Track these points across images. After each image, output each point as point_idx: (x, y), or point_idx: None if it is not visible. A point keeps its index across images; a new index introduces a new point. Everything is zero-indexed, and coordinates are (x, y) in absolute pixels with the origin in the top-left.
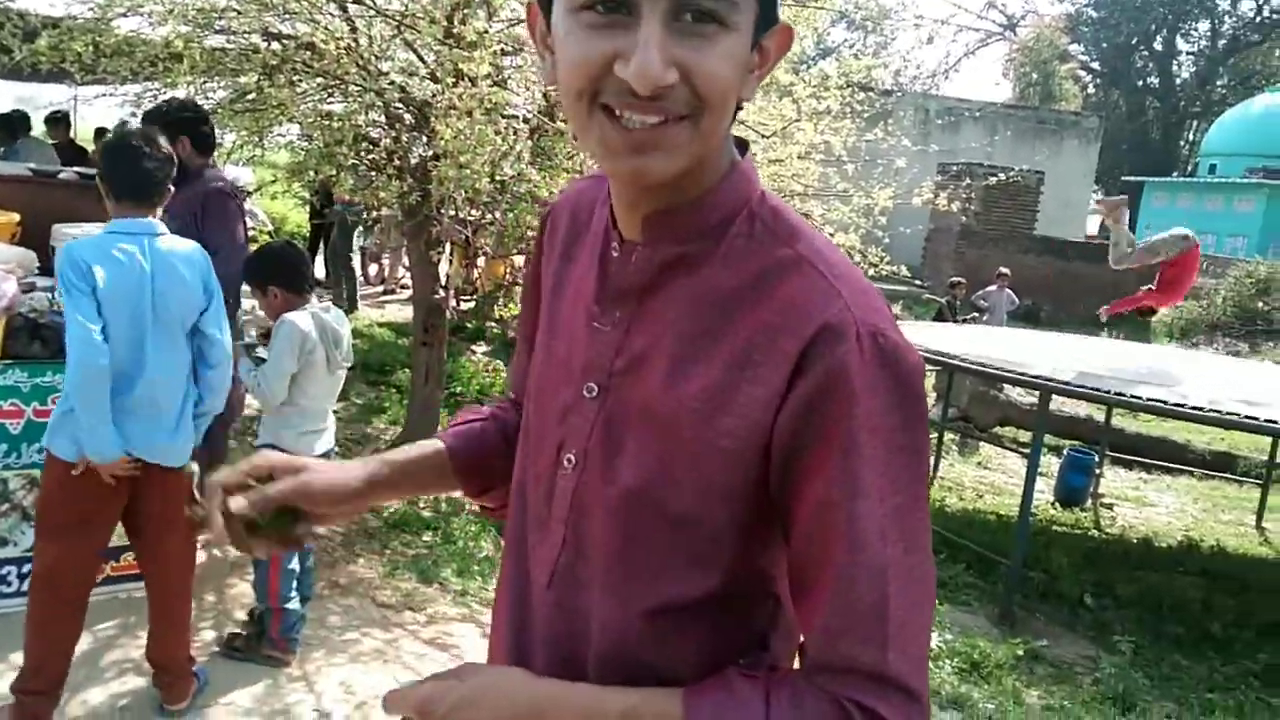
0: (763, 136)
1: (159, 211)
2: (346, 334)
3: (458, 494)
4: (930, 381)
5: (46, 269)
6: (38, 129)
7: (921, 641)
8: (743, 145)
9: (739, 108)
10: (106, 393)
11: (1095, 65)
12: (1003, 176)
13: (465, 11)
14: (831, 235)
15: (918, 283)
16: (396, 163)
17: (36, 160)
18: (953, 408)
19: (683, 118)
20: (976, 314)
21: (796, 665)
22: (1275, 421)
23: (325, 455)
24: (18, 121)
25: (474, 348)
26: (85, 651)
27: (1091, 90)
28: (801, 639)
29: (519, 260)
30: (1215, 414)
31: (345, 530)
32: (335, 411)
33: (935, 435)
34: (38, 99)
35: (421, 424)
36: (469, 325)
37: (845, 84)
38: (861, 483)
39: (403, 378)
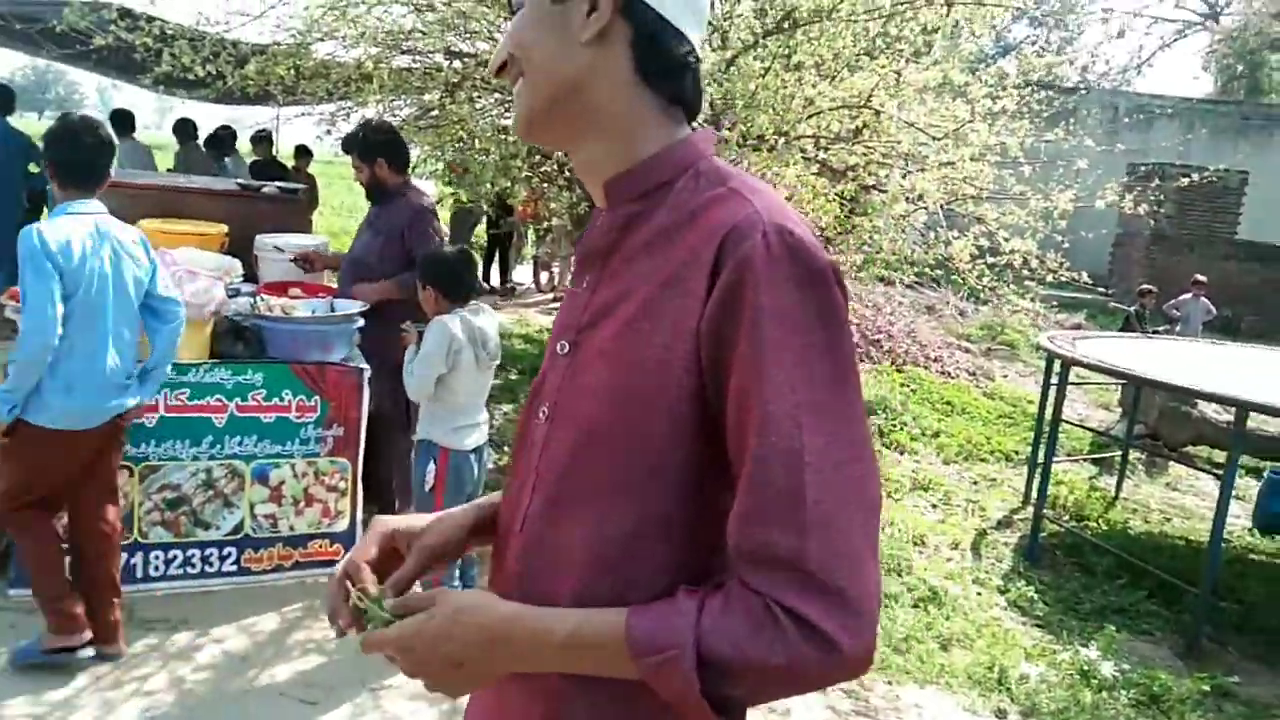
0: (933, 139)
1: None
2: (494, 333)
3: None
4: (1115, 396)
5: (250, 276)
6: (243, 147)
7: (855, 543)
8: (715, 127)
9: (679, 88)
10: (45, 365)
11: None
12: (1198, 176)
13: None
14: (1006, 240)
15: (1102, 291)
16: (566, 175)
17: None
18: (1140, 424)
19: (521, 75)
20: (1168, 325)
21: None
22: None
23: (477, 450)
24: (227, 140)
25: None
26: (273, 631)
27: None
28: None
29: None
30: None
31: None
32: (505, 411)
33: (1119, 453)
34: (244, 120)
35: None
36: None
37: (1024, 83)
38: (769, 368)
39: None
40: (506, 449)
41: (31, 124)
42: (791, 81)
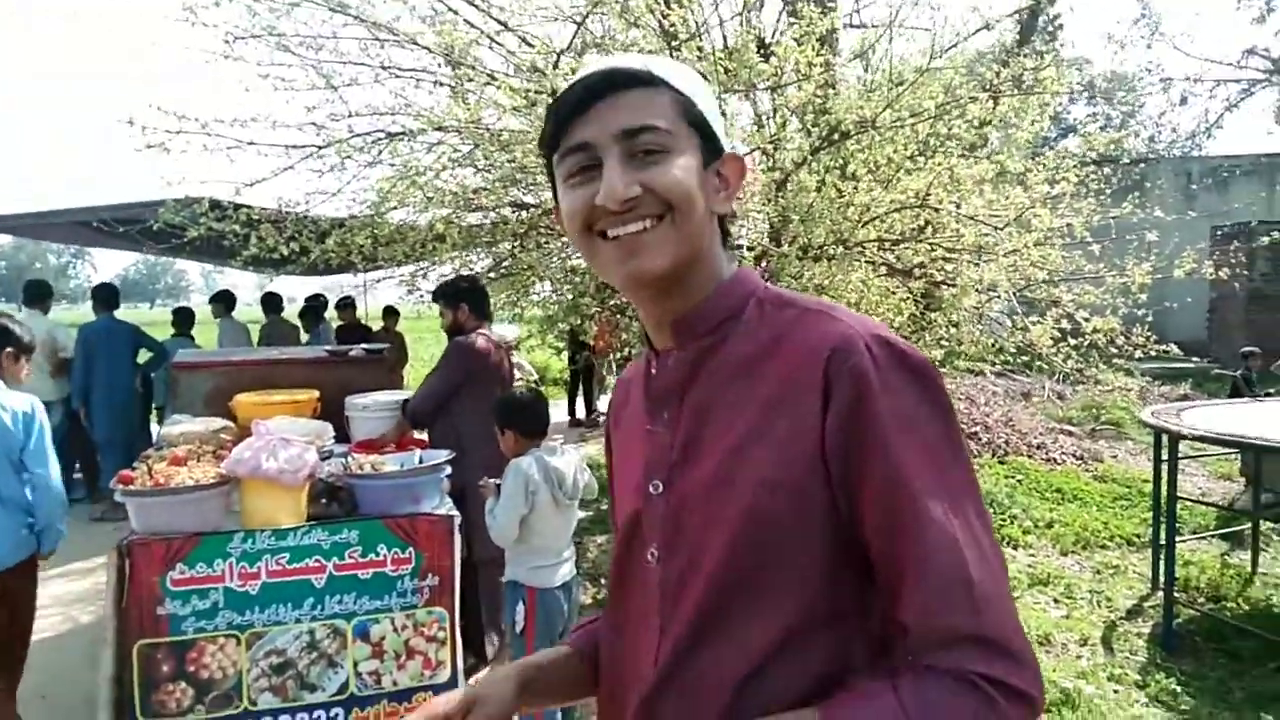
0: (995, 229)
1: None
2: (572, 472)
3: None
4: (1236, 466)
5: (343, 436)
6: (332, 314)
7: (1010, 607)
8: (775, 243)
9: (725, 230)
10: None
11: None
12: (1277, 234)
13: None
14: (1086, 320)
15: (1196, 359)
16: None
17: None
18: (1268, 492)
19: (659, 219)
20: None
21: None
22: None
23: (565, 586)
24: (318, 309)
25: None
26: None
27: None
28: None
29: None
30: None
31: None
32: (600, 543)
33: (1249, 525)
34: (334, 288)
35: None
36: None
37: (1083, 161)
38: (907, 471)
39: None
40: (603, 580)
41: (144, 313)
42: (847, 190)
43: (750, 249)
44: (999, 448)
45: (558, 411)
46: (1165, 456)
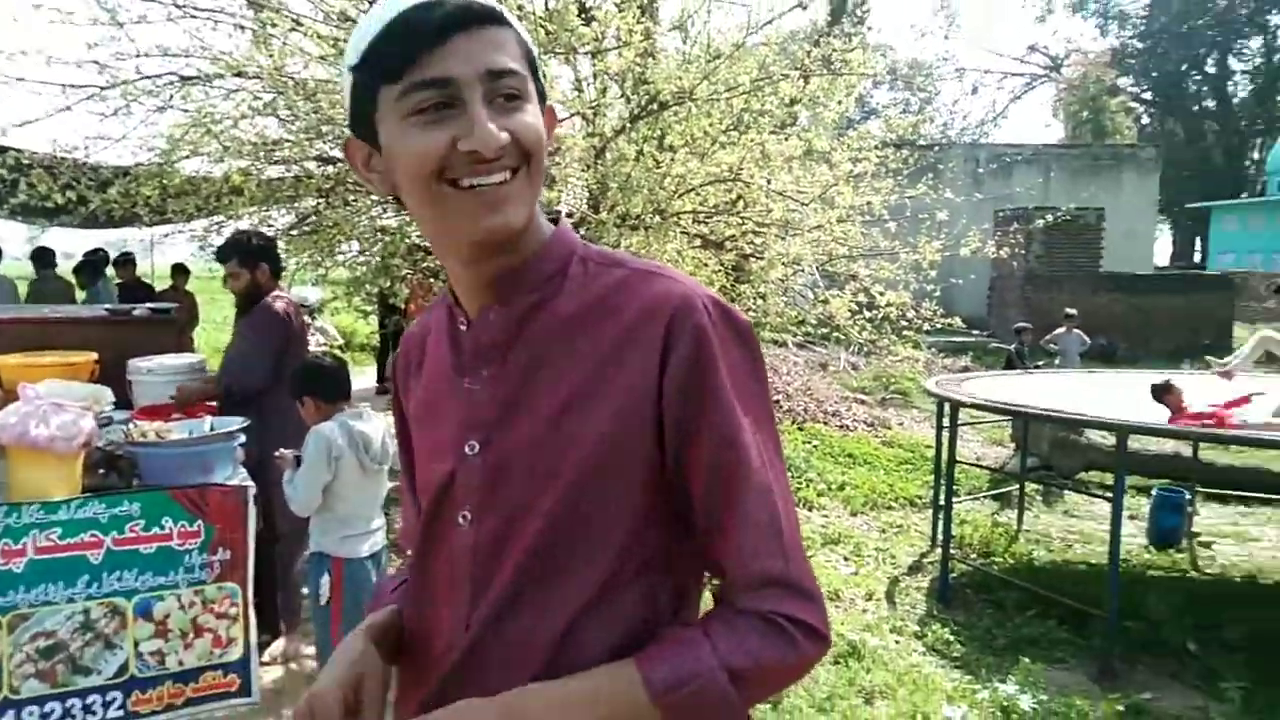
0: (802, 204)
1: None
2: (380, 437)
3: None
4: (1008, 432)
5: (123, 403)
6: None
7: (804, 552)
8: (554, 217)
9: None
10: None
11: (1147, 95)
12: (1059, 216)
13: None
14: (881, 294)
15: (977, 333)
16: None
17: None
18: (1033, 457)
19: (515, 171)
20: (1048, 358)
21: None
22: None
23: (374, 556)
24: (98, 266)
25: None
26: None
27: (1146, 120)
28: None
29: None
30: None
31: None
32: None
33: (1016, 487)
34: (117, 243)
35: None
36: None
37: (884, 144)
38: (739, 424)
39: None
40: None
41: None
42: (665, 161)
43: (569, 215)
44: (798, 415)
45: (366, 378)
46: (947, 424)
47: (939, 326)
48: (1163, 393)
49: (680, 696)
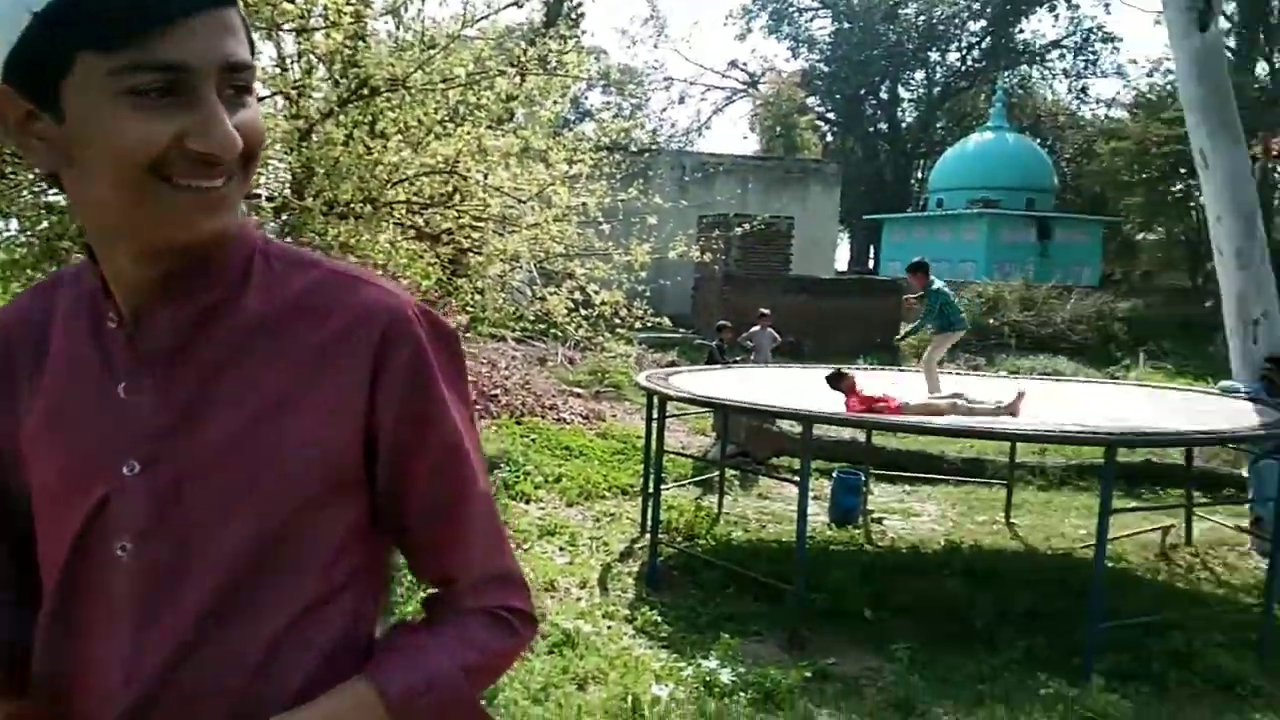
0: (520, 201)
1: None
2: None
3: None
4: (709, 422)
5: None
6: None
7: (509, 545)
8: (298, 196)
9: None
10: None
11: (831, 115)
12: (754, 224)
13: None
14: (596, 292)
15: (683, 331)
16: None
17: None
18: (732, 444)
19: (232, 176)
20: (744, 354)
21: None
22: (1008, 430)
23: None
24: None
25: None
26: None
27: (830, 138)
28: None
29: None
30: (959, 428)
31: None
32: None
33: (717, 473)
34: None
35: None
36: None
37: (599, 146)
38: (460, 434)
39: None
40: None
41: None
42: (377, 148)
43: (270, 199)
44: (516, 409)
45: None
46: (656, 415)
47: (649, 325)
48: (837, 380)
49: (420, 704)
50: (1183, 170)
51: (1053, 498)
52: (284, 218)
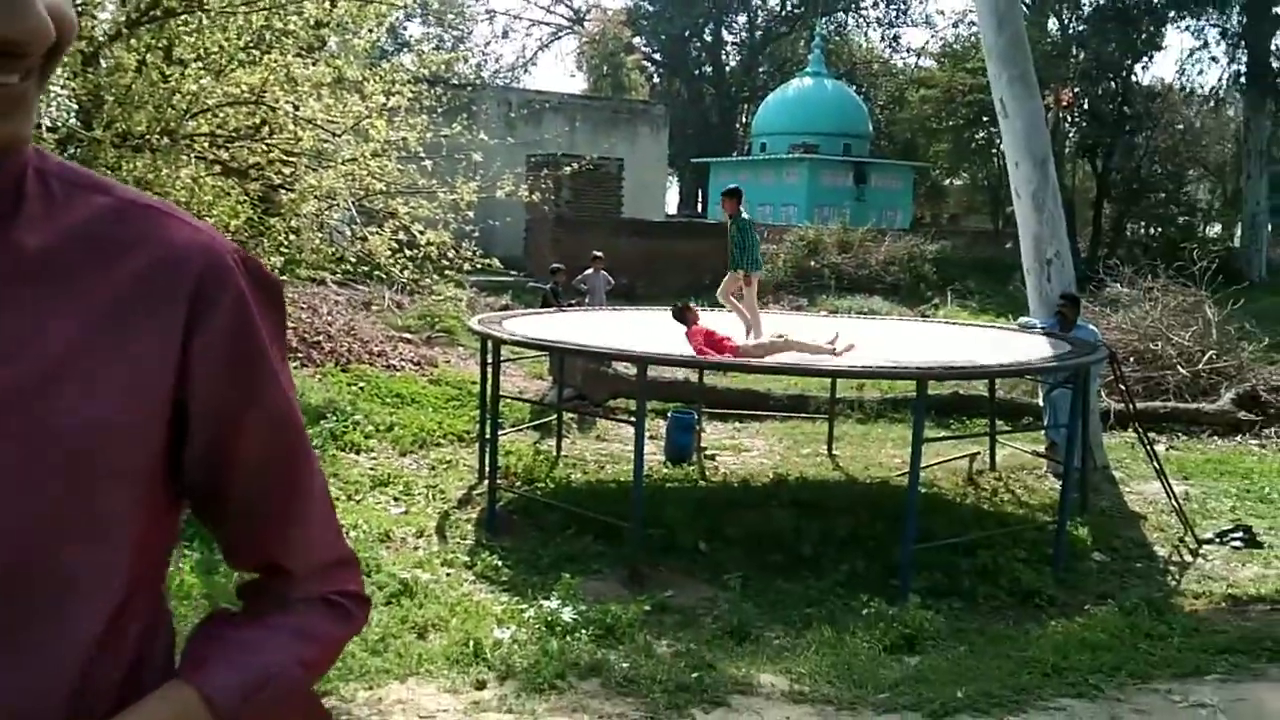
0: (333, 135)
1: None
2: None
3: None
4: (546, 366)
5: None
6: None
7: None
8: (85, 127)
9: None
10: None
11: (657, 56)
12: (579, 165)
13: None
14: (422, 232)
15: (515, 274)
16: None
17: None
18: (569, 388)
19: (31, 72)
20: (579, 297)
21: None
22: (829, 367)
23: None
24: None
25: None
26: None
27: (657, 80)
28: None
29: None
30: (786, 366)
31: None
32: None
33: (555, 416)
34: None
35: None
36: None
37: (417, 79)
38: (289, 403)
39: None
40: None
41: None
42: (174, 75)
43: (53, 129)
44: (341, 356)
45: None
46: (490, 360)
47: (479, 266)
48: (682, 314)
49: (255, 702)
50: (985, 119)
51: (870, 430)
52: (70, 150)
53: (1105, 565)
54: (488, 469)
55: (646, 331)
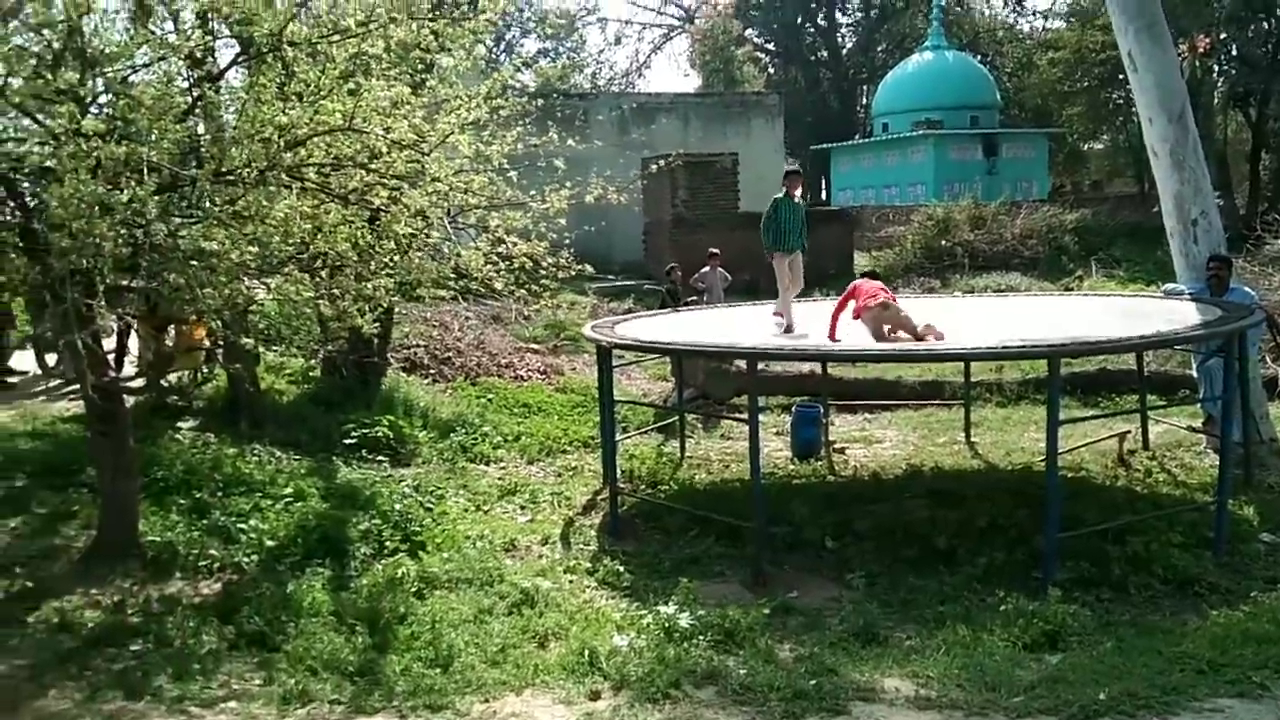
0: (423, 155)
1: None
2: None
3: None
4: (669, 369)
5: None
6: None
7: None
8: None
9: None
10: None
11: (770, 46)
12: (694, 162)
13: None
14: (515, 245)
15: (623, 278)
16: (19, 236)
17: None
18: (690, 389)
19: None
20: (696, 296)
21: None
22: (953, 350)
23: None
24: None
25: (180, 424)
26: None
27: (771, 70)
28: None
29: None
30: (912, 352)
31: (31, 660)
32: (12, 526)
33: (677, 418)
34: None
35: (118, 525)
36: (172, 402)
37: (524, 91)
38: None
39: (93, 476)
40: (41, 569)
41: None
42: (264, 111)
43: (154, 169)
44: (471, 370)
45: None
46: (605, 365)
47: (575, 273)
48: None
49: None
50: (1120, 76)
51: (1011, 413)
52: (173, 193)
53: (1274, 547)
54: (609, 474)
55: (764, 326)
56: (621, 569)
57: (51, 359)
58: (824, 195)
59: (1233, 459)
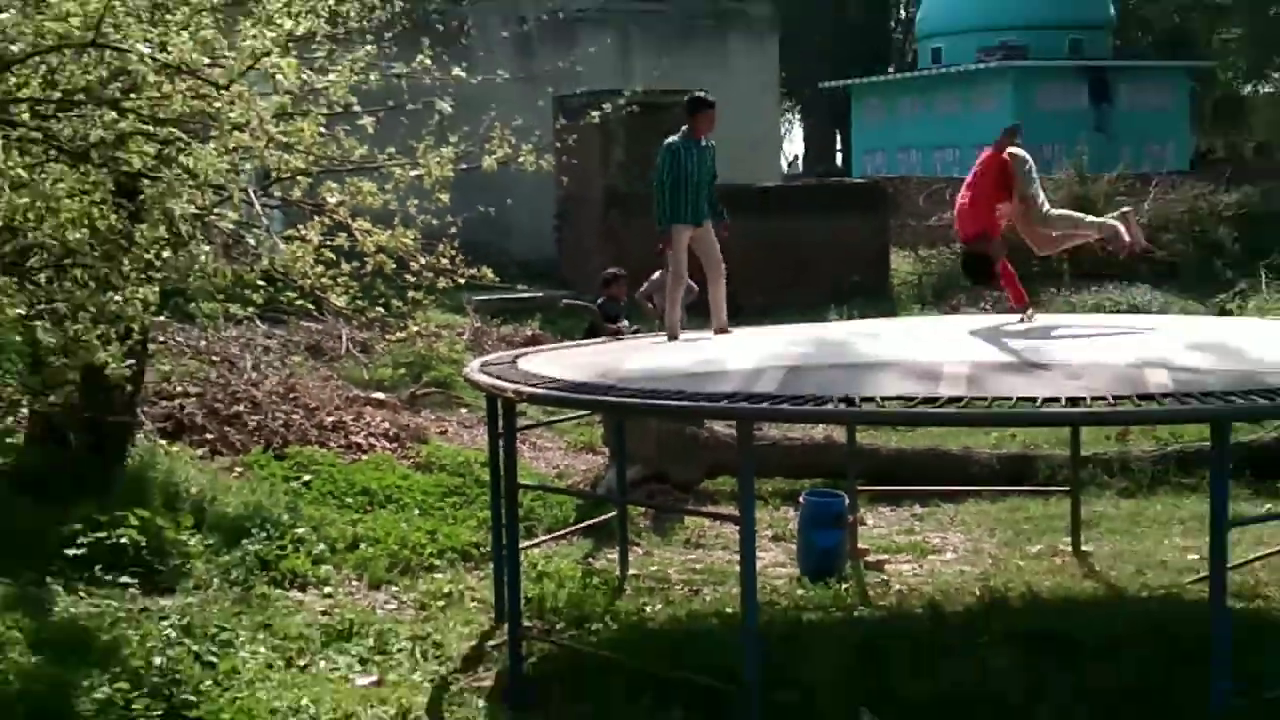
0: (217, 87)
1: None
2: None
3: None
4: (600, 433)
5: None
6: None
7: None
8: None
9: None
10: None
11: None
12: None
13: None
14: (368, 234)
15: (524, 286)
16: None
17: None
18: (636, 466)
19: None
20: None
21: None
22: (1059, 412)
23: None
24: None
25: None
26: None
27: None
28: None
29: None
30: (982, 409)
31: None
32: None
33: (614, 513)
34: None
35: None
36: None
37: None
38: None
39: None
40: None
41: None
42: None
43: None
44: (275, 435)
45: None
46: (503, 427)
47: (467, 282)
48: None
49: None
50: None
51: (1143, 507)
52: None
53: None
54: (508, 606)
55: (753, 352)
56: None
57: None
58: (839, 159)
59: None
